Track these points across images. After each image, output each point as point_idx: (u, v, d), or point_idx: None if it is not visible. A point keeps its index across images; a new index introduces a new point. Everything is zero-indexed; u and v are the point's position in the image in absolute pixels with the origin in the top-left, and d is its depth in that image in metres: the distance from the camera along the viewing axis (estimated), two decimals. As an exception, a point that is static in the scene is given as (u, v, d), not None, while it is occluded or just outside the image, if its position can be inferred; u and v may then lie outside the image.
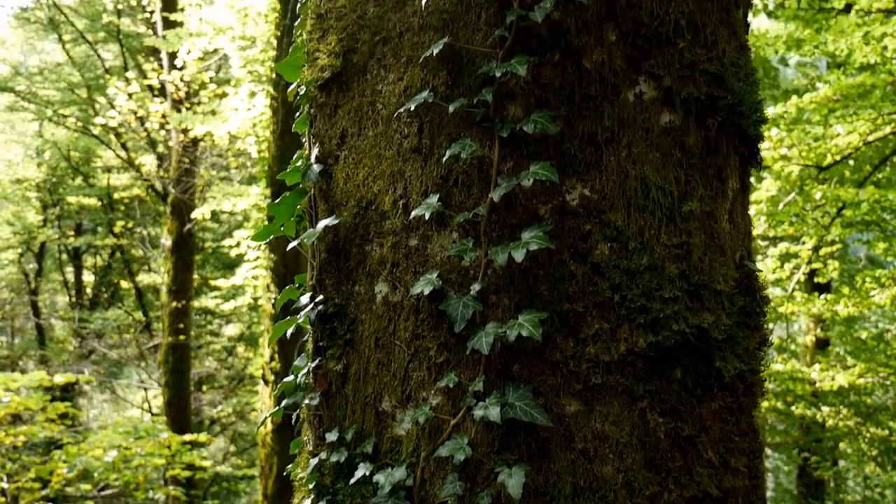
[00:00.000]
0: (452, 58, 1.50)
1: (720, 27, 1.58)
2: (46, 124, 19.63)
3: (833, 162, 8.48)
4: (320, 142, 1.69)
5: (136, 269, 19.17)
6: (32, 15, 19.08)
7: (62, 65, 18.82)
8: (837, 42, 7.77)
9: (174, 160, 12.87)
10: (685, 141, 1.52)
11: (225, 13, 10.52)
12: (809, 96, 8.29)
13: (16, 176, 20.87)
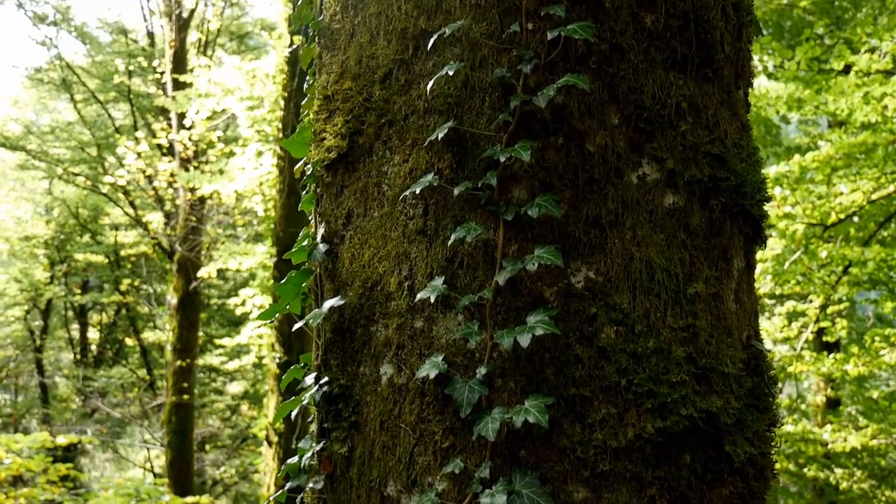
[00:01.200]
0: (457, 141, 1.52)
1: (721, 108, 1.60)
2: (56, 182, 19.87)
3: (838, 220, 8.49)
4: (326, 221, 1.70)
5: (141, 326, 19.15)
6: (46, 76, 19.46)
7: (73, 124, 19.11)
8: (838, 102, 7.85)
9: (181, 218, 12.96)
10: (689, 222, 1.53)
11: (233, 74, 10.71)
12: (812, 155, 8.35)
13: (25, 233, 21.03)
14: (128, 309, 18.98)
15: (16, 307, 21.44)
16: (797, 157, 8.46)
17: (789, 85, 7.60)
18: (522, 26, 1.50)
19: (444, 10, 1.56)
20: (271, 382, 9.68)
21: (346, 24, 1.70)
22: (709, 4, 1.58)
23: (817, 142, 11.74)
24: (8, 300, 21.12)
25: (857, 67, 7.25)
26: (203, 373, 18.20)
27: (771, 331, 10.12)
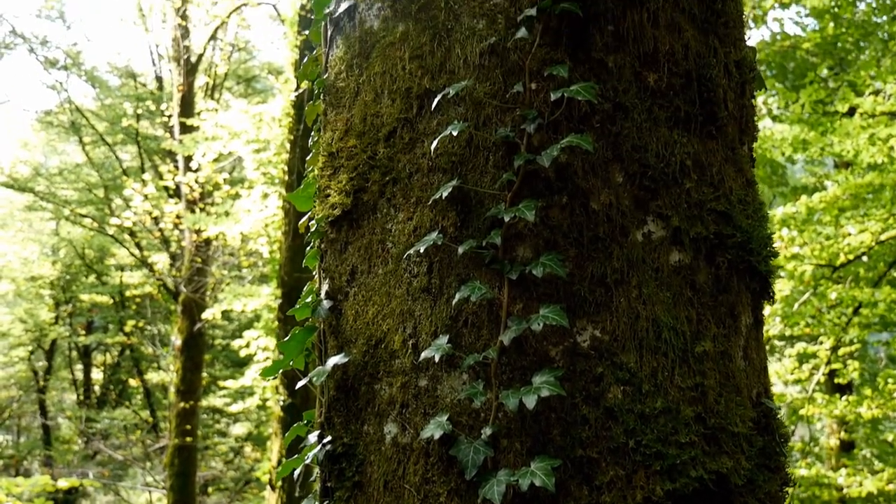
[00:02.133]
0: (461, 199, 1.52)
1: (726, 165, 1.60)
2: (63, 223, 19.97)
3: (846, 261, 8.46)
4: (330, 277, 1.69)
5: (144, 367, 19.09)
6: (55, 118, 19.68)
7: (81, 165, 19.27)
8: (843, 143, 7.88)
9: (187, 259, 12.99)
10: (696, 280, 1.51)
11: (240, 118, 10.82)
12: (819, 196, 8.35)
13: (31, 273, 21.08)
14: (132, 350, 18.95)
15: (20, 347, 21.41)
16: (804, 197, 8.46)
17: (794, 127, 7.63)
18: (526, 86, 1.50)
19: (447, 70, 1.57)
20: (275, 425, 9.60)
21: (350, 83, 1.71)
22: (711, 63, 1.59)
23: (824, 182, 11.76)
24: (13, 340, 21.11)
25: (861, 109, 7.29)
26: (206, 414, 18.08)
27: (782, 373, 10.03)
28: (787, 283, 8.74)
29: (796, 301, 8.92)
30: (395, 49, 1.64)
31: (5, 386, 22.12)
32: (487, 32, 1.55)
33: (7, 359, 22.00)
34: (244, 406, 13.01)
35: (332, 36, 1.82)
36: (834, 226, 8.30)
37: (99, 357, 21.72)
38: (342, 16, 1.77)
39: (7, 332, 20.63)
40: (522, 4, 1.55)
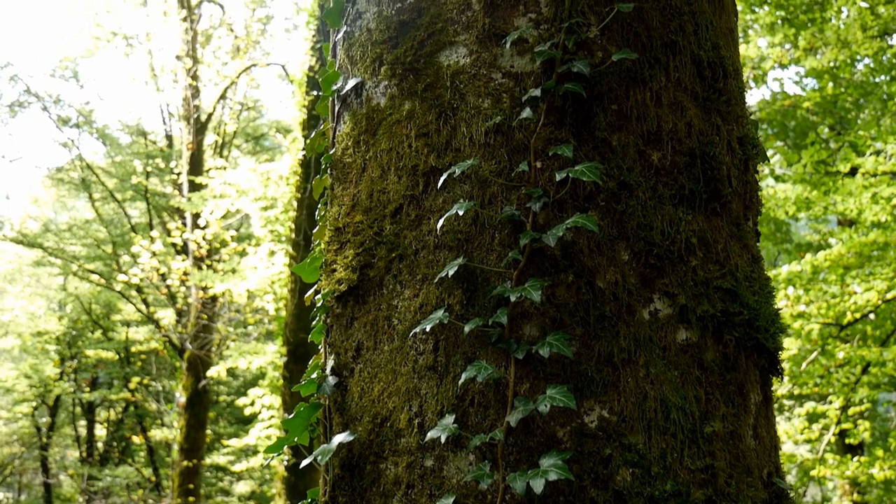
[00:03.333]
0: (467, 277, 1.52)
1: (731, 241, 1.60)
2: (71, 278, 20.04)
3: (853, 320, 8.41)
4: (336, 353, 1.69)
5: (148, 424, 18.92)
6: (66, 175, 19.92)
7: (90, 221, 19.43)
8: (846, 202, 7.91)
9: (193, 316, 12.99)
10: (703, 358, 1.51)
11: (248, 176, 10.94)
12: (823, 254, 8.34)
13: (37, 329, 21.08)
14: (136, 406, 18.81)
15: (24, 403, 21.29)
16: (808, 255, 8.46)
17: (797, 186, 7.68)
18: (531, 165, 1.52)
19: (453, 148, 1.59)
20: (279, 486, 9.47)
21: (357, 159, 1.73)
22: (714, 141, 1.61)
23: (828, 239, 11.76)
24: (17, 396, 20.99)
25: (863, 169, 7.34)
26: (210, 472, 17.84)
27: (791, 433, 9.89)
28: (795, 341, 8.68)
29: (804, 360, 8.84)
30: (401, 127, 1.66)
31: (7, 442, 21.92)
32: (493, 111, 1.58)
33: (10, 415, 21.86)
34: (248, 465, 12.85)
35: (340, 112, 1.85)
36: (839, 284, 8.28)
37: (103, 413, 21.56)
38: (350, 93, 1.80)
39: (11, 388, 20.53)
40: (527, 85, 1.57)
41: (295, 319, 9.41)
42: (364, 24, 1.79)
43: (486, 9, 1.62)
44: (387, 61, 1.71)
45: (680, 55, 1.63)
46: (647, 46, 1.60)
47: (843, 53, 9.23)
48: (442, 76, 1.63)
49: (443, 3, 1.66)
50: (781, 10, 9.01)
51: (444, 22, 1.65)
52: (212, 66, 15.07)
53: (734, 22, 1.83)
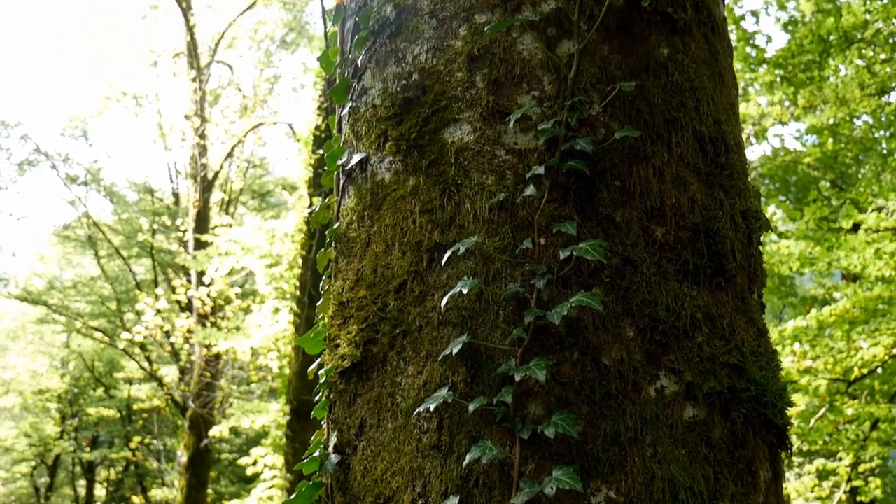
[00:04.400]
0: (472, 354, 1.51)
1: (737, 316, 1.60)
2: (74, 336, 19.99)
3: (861, 375, 8.33)
4: (339, 430, 1.67)
5: (148, 483, 18.65)
6: (73, 232, 20.04)
7: (95, 279, 19.47)
8: (850, 258, 7.91)
9: (196, 374, 12.91)
10: (711, 436, 1.49)
11: (253, 234, 10.99)
12: (829, 309, 8.31)
13: (39, 387, 20.95)
14: (136, 465, 18.57)
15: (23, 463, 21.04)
16: (814, 311, 8.42)
17: (800, 242, 7.69)
18: (535, 242, 1.53)
19: (457, 224, 1.60)
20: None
21: (361, 233, 1.74)
22: (717, 215, 1.62)
23: (832, 293, 11.73)
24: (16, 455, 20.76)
25: (865, 225, 7.36)
26: (211, 533, 17.48)
27: (801, 490, 9.71)
28: (802, 397, 8.59)
29: (812, 416, 8.73)
30: (405, 202, 1.67)
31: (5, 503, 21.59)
32: (496, 188, 1.59)
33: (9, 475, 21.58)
34: (249, 526, 12.61)
35: (345, 186, 1.86)
36: (846, 339, 8.23)
37: (102, 473, 21.28)
38: (355, 167, 1.82)
39: (11, 447, 20.32)
40: (530, 161, 1.59)
41: (298, 378, 9.34)
42: (369, 99, 1.82)
43: (490, 87, 1.65)
44: (391, 137, 1.73)
45: (682, 131, 1.65)
46: (649, 123, 1.62)
47: (842, 111, 9.35)
48: (446, 152, 1.65)
49: (447, 80, 1.69)
50: (780, 70, 9.15)
51: (448, 99, 1.68)
52: (219, 125, 15.28)
53: (734, 96, 1.85)
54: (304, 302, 9.08)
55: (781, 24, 11.97)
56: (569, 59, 1.63)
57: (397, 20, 1.79)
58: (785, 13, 12.32)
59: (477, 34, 1.68)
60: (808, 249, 7.94)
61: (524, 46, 1.65)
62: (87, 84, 18.47)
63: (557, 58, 1.63)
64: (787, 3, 12.09)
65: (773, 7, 12.27)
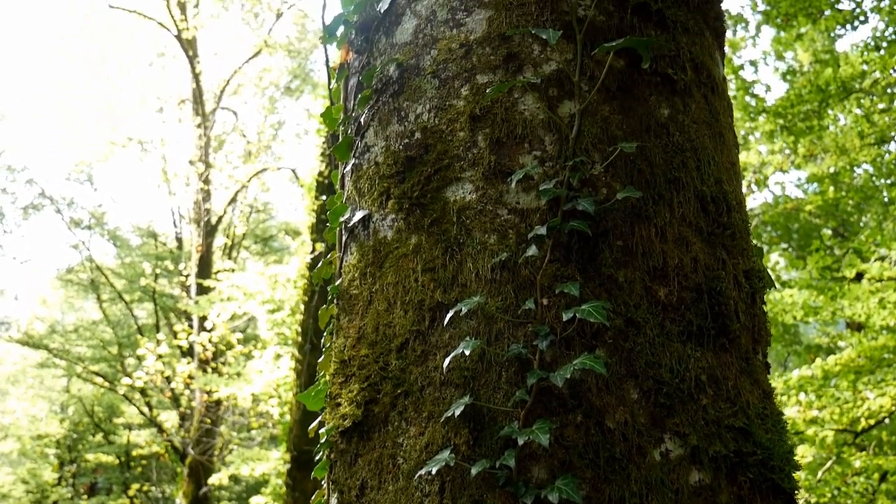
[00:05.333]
0: (474, 416, 1.50)
1: (741, 377, 1.58)
2: (75, 380, 19.88)
3: (868, 427, 8.24)
4: (339, 490, 1.64)
5: (146, 533, 18.35)
6: (76, 276, 20.06)
7: (97, 323, 19.43)
8: (854, 307, 7.88)
9: (196, 420, 12.80)
10: (718, 501, 1.46)
11: (256, 280, 11.00)
12: (834, 359, 8.26)
13: (37, 432, 20.77)
14: (134, 513, 18.28)
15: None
16: (819, 360, 8.37)
17: (803, 292, 7.67)
18: (537, 302, 1.52)
19: (459, 284, 1.59)
20: None
21: (363, 291, 1.74)
22: (720, 276, 1.61)
23: (837, 342, 11.66)
24: (13, 502, 20.46)
25: (869, 275, 7.35)
26: (207, 584, 17.14)
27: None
28: (809, 448, 8.48)
29: (819, 468, 8.61)
30: (408, 260, 1.67)
31: (0, 551, 21.25)
32: (499, 247, 1.59)
33: (4, 523, 21.27)
34: (247, 577, 12.38)
35: (347, 242, 1.86)
36: (852, 390, 8.16)
37: (99, 520, 20.94)
38: (357, 224, 1.82)
39: (7, 494, 20.05)
40: (532, 221, 1.59)
41: (299, 425, 9.26)
42: (372, 157, 1.83)
43: (492, 146, 1.66)
44: (394, 195, 1.74)
45: (683, 191, 1.65)
46: (650, 183, 1.63)
47: (842, 160, 9.40)
48: (448, 211, 1.65)
49: (449, 140, 1.70)
50: (780, 119, 9.23)
51: (450, 158, 1.69)
52: (223, 171, 15.40)
53: (735, 155, 1.87)
54: (306, 348, 9.05)
55: (780, 73, 12.13)
56: (570, 120, 1.65)
57: (400, 79, 1.82)
58: (783, 63, 12.49)
59: (479, 94, 1.70)
60: (812, 298, 7.92)
61: (526, 106, 1.67)
62: (94, 129, 18.67)
63: (559, 118, 1.65)
64: (784, 54, 12.26)
65: (771, 57, 12.45)
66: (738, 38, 12.73)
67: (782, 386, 8.11)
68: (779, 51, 12.07)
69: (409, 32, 1.84)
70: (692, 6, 1.85)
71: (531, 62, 1.70)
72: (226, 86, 16.24)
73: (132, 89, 18.43)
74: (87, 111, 19.99)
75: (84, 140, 19.77)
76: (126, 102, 18.52)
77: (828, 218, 12.18)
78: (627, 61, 1.71)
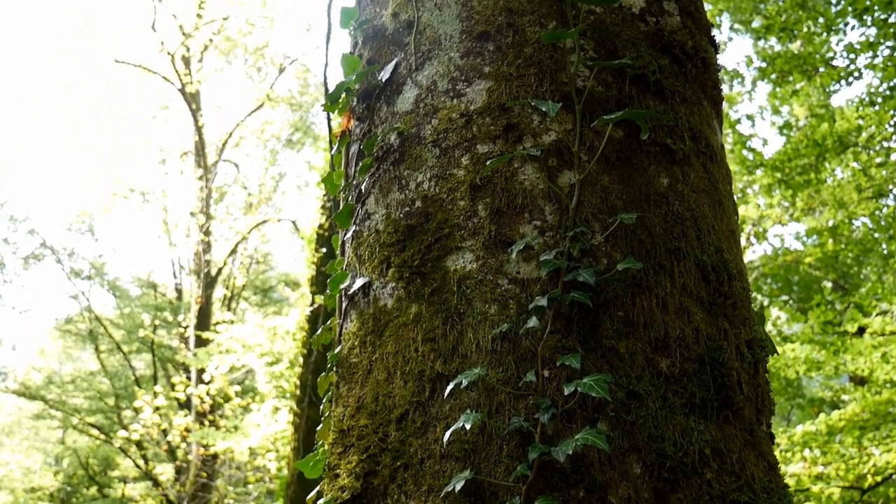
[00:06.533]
0: (475, 491, 1.47)
1: (746, 450, 1.56)
2: (70, 432, 19.66)
3: (874, 483, 8.12)
4: (337, 566, 1.61)
5: (139, 590, 17.93)
6: (74, 327, 19.98)
7: (95, 374, 19.30)
8: (857, 362, 7.84)
9: (192, 474, 12.62)
10: (724, 580, 1.43)
11: (255, 332, 10.95)
12: (838, 414, 8.18)
13: (31, 484, 20.46)
14: (127, 571, 17.90)
15: (10, 566, 20.32)
16: (823, 415, 8.29)
17: (805, 346, 7.64)
18: (538, 374, 1.51)
19: (460, 354, 1.58)
20: None
21: (363, 360, 1.73)
22: (722, 346, 1.60)
23: (840, 396, 11.56)
24: (2, 560, 20.07)
25: (871, 329, 7.33)
26: None
27: None
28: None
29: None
30: (408, 330, 1.67)
31: None
32: (499, 318, 1.58)
33: (-5, 579, 20.81)
34: None
35: (348, 310, 1.86)
36: (857, 445, 8.06)
37: (91, 578, 20.48)
38: (357, 292, 1.82)
39: (-2, 549, 19.67)
40: (533, 291, 1.59)
41: (297, 480, 9.12)
42: (373, 224, 1.84)
43: (492, 216, 1.67)
44: (394, 264, 1.74)
45: (684, 260, 1.65)
46: (651, 253, 1.63)
47: (840, 213, 9.45)
48: (449, 281, 1.65)
49: (449, 209, 1.71)
50: (778, 173, 9.30)
51: (450, 227, 1.69)
52: (224, 222, 15.46)
53: (735, 222, 1.87)
54: (305, 402, 8.96)
55: (777, 127, 12.26)
56: (570, 190, 1.66)
57: (401, 148, 1.83)
58: (780, 117, 12.65)
59: (479, 164, 1.71)
60: (814, 353, 7.88)
61: (526, 176, 1.68)
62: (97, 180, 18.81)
63: (559, 188, 1.66)
64: (781, 108, 12.42)
65: (767, 111, 12.61)
66: (734, 93, 12.91)
67: (786, 441, 8.01)
68: (775, 105, 12.23)
69: (410, 101, 1.86)
70: (690, 76, 1.88)
71: (531, 132, 1.71)
72: (228, 138, 16.41)
73: (135, 141, 18.61)
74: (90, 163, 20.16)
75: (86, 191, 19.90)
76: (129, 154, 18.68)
77: (828, 270, 12.20)
78: (626, 131, 1.73)
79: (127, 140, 19.08)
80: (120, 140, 19.12)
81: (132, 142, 18.79)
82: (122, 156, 18.76)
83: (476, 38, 1.83)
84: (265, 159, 17.58)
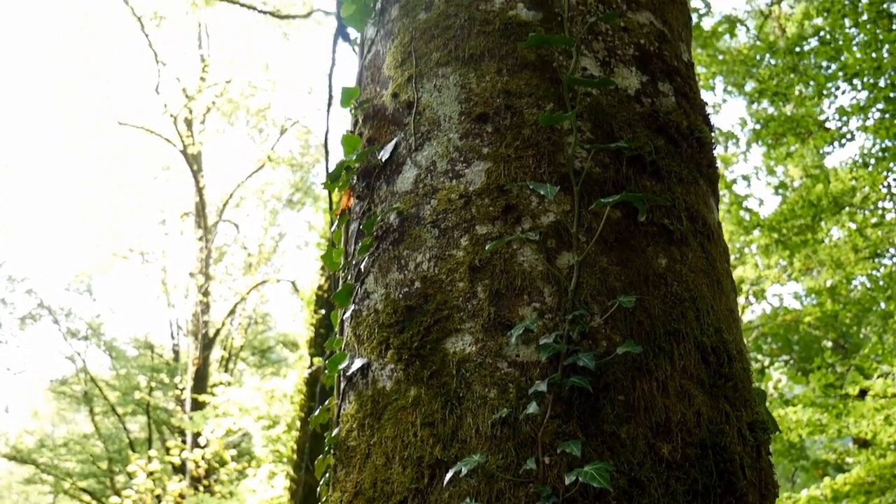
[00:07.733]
0: (475, 583, 1.44)
1: (751, 537, 1.53)
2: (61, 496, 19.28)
3: (883, 550, 7.94)
4: None
5: None
6: (69, 388, 19.78)
7: (88, 436, 19.02)
8: (859, 424, 7.76)
9: (185, 541, 12.32)
10: None
11: (252, 395, 10.85)
12: (843, 478, 8.06)
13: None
14: None
15: None
16: (827, 479, 8.17)
17: (807, 409, 7.57)
18: (539, 461, 1.49)
19: (459, 440, 1.57)
20: None
21: (361, 443, 1.71)
22: (724, 430, 1.59)
23: (844, 458, 11.40)
24: None
25: (873, 392, 7.28)
26: None
27: None
28: (825, 573, 8.15)
29: None
30: (407, 413, 1.65)
31: None
32: (499, 402, 1.57)
33: None
34: None
35: (346, 390, 1.84)
36: (865, 512, 7.92)
37: None
38: (356, 373, 1.81)
39: None
40: (533, 375, 1.58)
41: (292, 549, 8.93)
42: (372, 304, 1.84)
43: (492, 298, 1.67)
44: (393, 345, 1.73)
45: (683, 342, 1.65)
46: (650, 335, 1.62)
47: (838, 273, 9.46)
48: (448, 363, 1.64)
49: (449, 290, 1.71)
50: (775, 233, 9.35)
51: (450, 309, 1.69)
52: (223, 283, 15.47)
53: (734, 301, 1.87)
54: (302, 468, 8.82)
55: (772, 187, 12.38)
56: (569, 271, 1.66)
57: (400, 228, 1.84)
58: (775, 177, 12.77)
59: (478, 245, 1.72)
60: (816, 416, 7.81)
61: (524, 258, 1.69)
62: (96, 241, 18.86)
63: (558, 270, 1.66)
64: (776, 169, 12.55)
65: (762, 172, 12.74)
66: (729, 154, 13.07)
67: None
68: (770, 166, 12.37)
69: (410, 182, 1.88)
70: (685, 156, 1.90)
71: (529, 213, 1.73)
72: (228, 199, 16.52)
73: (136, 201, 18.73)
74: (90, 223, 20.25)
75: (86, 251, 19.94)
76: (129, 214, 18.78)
77: (827, 329, 12.17)
78: (624, 212, 1.74)
79: (128, 200, 19.20)
80: (120, 200, 19.24)
81: (133, 202, 18.91)
82: (122, 216, 18.86)
83: (475, 119, 1.86)
84: (265, 219, 17.67)
